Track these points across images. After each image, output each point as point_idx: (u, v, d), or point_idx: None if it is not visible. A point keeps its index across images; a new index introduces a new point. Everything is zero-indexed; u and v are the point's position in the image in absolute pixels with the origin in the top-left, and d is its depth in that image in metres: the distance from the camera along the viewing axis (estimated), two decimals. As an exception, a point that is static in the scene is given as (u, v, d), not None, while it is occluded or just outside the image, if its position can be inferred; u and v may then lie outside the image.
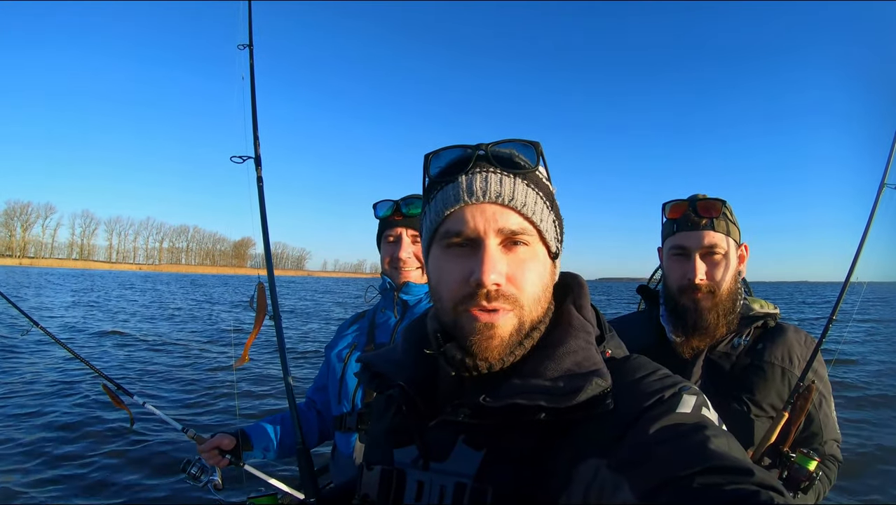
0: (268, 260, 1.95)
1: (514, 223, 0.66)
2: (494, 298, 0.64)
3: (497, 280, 0.64)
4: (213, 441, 1.62)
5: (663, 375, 0.64)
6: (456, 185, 0.67)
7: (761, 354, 1.43)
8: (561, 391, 0.60)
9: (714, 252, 1.41)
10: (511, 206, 0.66)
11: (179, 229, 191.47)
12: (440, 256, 0.69)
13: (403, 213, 1.64)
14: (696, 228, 1.42)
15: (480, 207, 0.66)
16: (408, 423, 0.71)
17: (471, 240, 0.66)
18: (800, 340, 1.47)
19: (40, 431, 5.50)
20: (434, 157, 0.72)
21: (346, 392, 1.68)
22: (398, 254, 1.66)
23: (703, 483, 0.49)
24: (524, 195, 0.67)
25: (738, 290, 1.47)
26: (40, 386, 7.30)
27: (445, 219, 0.68)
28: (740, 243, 1.49)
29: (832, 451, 1.43)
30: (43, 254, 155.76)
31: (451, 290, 0.67)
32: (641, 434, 0.56)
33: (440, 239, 0.69)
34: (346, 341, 1.78)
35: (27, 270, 75.88)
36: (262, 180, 2.00)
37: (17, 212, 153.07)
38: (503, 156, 0.69)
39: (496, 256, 0.65)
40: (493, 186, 0.66)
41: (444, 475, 0.64)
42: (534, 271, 0.67)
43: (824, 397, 1.44)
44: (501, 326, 0.65)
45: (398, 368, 0.76)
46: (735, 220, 1.47)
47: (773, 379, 1.40)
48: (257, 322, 1.82)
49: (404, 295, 1.69)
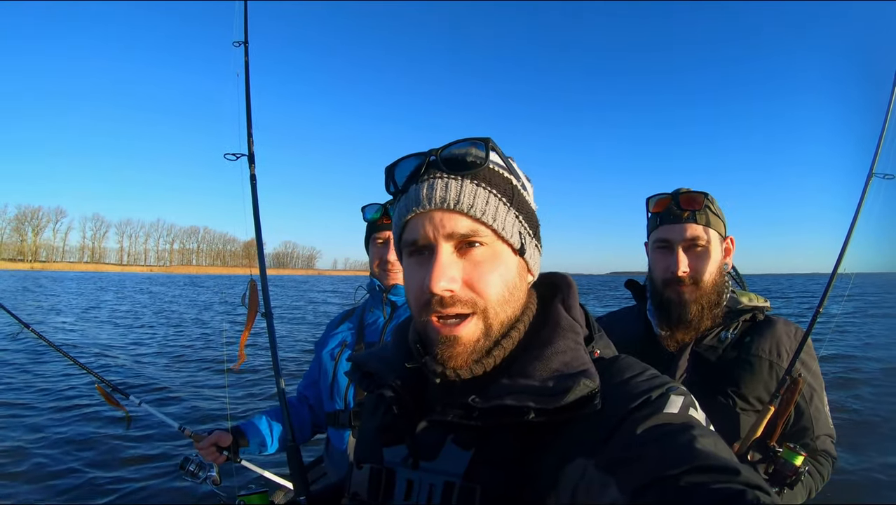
0: (260, 258, 1.95)
1: (463, 227, 0.65)
2: (450, 304, 0.64)
3: (448, 286, 0.63)
4: (211, 438, 1.65)
5: (651, 376, 0.64)
6: (408, 196, 0.68)
7: (749, 348, 1.42)
8: (549, 392, 0.60)
9: (696, 244, 1.41)
10: (457, 210, 0.65)
11: (190, 230, 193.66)
12: (406, 265, 0.71)
13: (391, 215, 1.65)
14: (679, 221, 1.43)
15: (429, 215, 0.66)
16: (398, 422, 0.71)
17: (425, 247, 0.67)
18: (789, 333, 1.45)
19: (36, 433, 5.54)
20: (394, 168, 0.72)
21: (339, 390, 1.71)
22: (387, 256, 1.69)
23: (689, 482, 0.49)
24: (472, 196, 0.66)
25: (723, 282, 1.46)
26: (36, 388, 7.35)
27: (403, 229, 0.69)
28: (725, 236, 1.49)
29: (825, 446, 1.40)
30: (54, 257, 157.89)
31: (414, 298, 0.68)
32: (629, 434, 0.56)
33: (404, 248, 0.70)
34: (336, 340, 1.81)
35: (36, 275, 76.64)
36: (255, 178, 2.00)
37: (28, 216, 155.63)
38: (455, 158, 0.68)
39: (446, 262, 0.64)
40: (438, 193, 0.65)
41: (434, 474, 0.64)
42: (494, 272, 0.66)
43: (815, 391, 1.42)
44: (464, 335, 0.65)
45: (388, 368, 0.76)
46: (719, 213, 1.47)
47: (760, 372, 1.39)
48: (249, 320, 1.83)
49: (393, 296, 1.72)
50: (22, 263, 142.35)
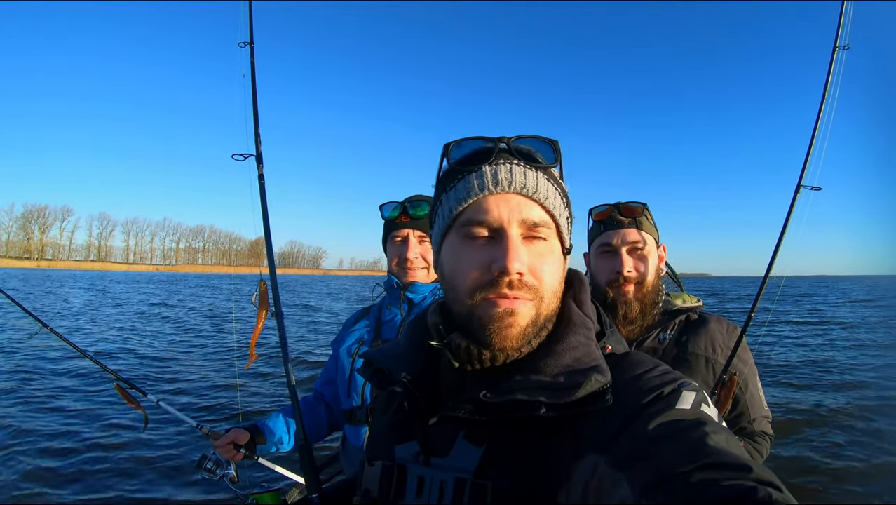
0: (269, 257, 1.96)
1: (537, 215, 0.67)
2: (517, 287, 0.65)
3: (521, 269, 0.64)
4: (228, 436, 1.68)
5: (663, 372, 0.64)
6: (480, 175, 0.68)
7: (685, 346, 1.55)
8: (560, 387, 0.60)
9: (638, 248, 1.56)
10: (535, 197, 0.67)
11: (196, 229, 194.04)
12: (458, 244, 0.70)
13: (410, 214, 1.68)
14: (622, 227, 1.57)
15: (504, 197, 0.67)
16: (409, 419, 0.71)
17: (493, 229, 0.67)
18: (721, 330, 1.59)
19: (54, 430, 5.61)
20: (455, 147, 0.72)
21: (356, 386, 1.72)
22: (406, 254, 1.70)
23: (701, 479, 0.49)
24: (546, 188, 0.68)
25: (660, 285, 1.61)
26: (53, 386, 7.44)
27: (466, 208, 0.68)
28: (659, 244, 1.65)
29: (761, 427, 1.57)
30: (61, 256, 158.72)
31: (470, 277, 0.67)
32: (640, 430, 0.56)
33: (459, 227, 0.70)
34: (353, 337, 1.82)
35: (43, 273, 77.15)
36: (263, 178, 2.01)
37: (35, 215, 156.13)
38: (523, 151, 0.70)
39: (520, 245, 0.65)
40: (518, 178, 0.67)
41: (445, 471, 0.65)
42: (552, 264, 0.69)
43: (749, 380, 1.56)
44: (521, 313, 0.65)
45: (400, 364, 0.77)
46: (654, 223, 1.63)
47: (697, 369, 1.52)
48: (259, 320, 1.85)
49: (410, 293, 1.72)
50: (28, 261, 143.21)
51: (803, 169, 1.76)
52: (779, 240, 1.74)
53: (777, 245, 1.74)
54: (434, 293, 1.71)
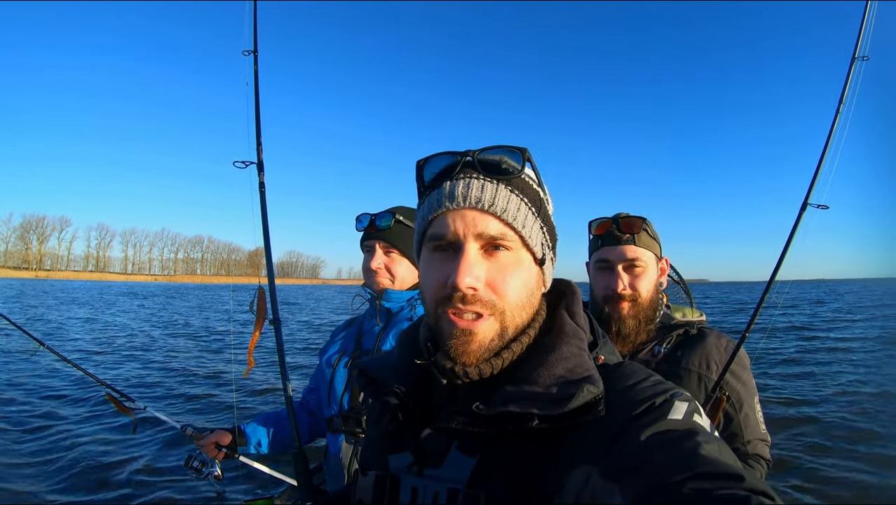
0: (268, 265, 1.99)
1: (494, 228, 0.67)
2: (471, 302, 0.66)
3: (472, 284, 0.65)
4: (212, 436, 1.79)
5: (655, 382, 0.64)
6: (440, 191, 0.69)
7: (679, 361, 1.53)
8: (553, 398, 0.61)
9: (635, 265, 1.54)
10: (490, 211, 0.67)
11: (194, 240, 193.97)
12: (427, 259, 0.72)
13: (377, 225, 1.73)
14: (619, 243, 1.55)
15: (461, 213, 0.68)
16: (402, 429, 0.72)
17: (452, 244, 0.68)
18: (719, 346, 1.55)
19: (46, 436, 5.68)
20: (426, 164, 0.74)
21: (335, 396, 1.75)
22: (369, 264, 1.74)
23: (694, 488, 0.49)
24: (506, 201, 0.68)
25: (658, 299, 1.59)
26: (44, 394, 7.50)
27: (431, 223, 0.71)
28: (660, 257, 1.62)
29: (756, 450, 1.51)
30: (59, 266, 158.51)
31: (432, 291, 0.69)
32: (633, 441, 0.56)
33: (427, 242, 0.72)
34: (336, 347, 1.85)
35: (40, 283, 76.98)
36: (264, 185, 2.04)
37: (33, 225, 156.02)
38: (490, 162, 0.70)
39: (473, 260, 0.66)
40: (474, 192, 0.67)
41: (438, 481, 0.65)
42: (517, 277, 0.68)
43: (744, 400, 1.52)
44: (480, 332, 0.66)
45: (393, 374, 0.77)
46: (655, 236, 1.60)
47: (689, 385, 1.49)
48: (257, 327, 1.88)
49: (386, 303, 1.75)
50: (27, 271, 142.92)
51: (811, 186, 1.69)
52: (779, 261, 1.69)
53: (777, 265, 1.68)
54: (412, 303, 1.73)
